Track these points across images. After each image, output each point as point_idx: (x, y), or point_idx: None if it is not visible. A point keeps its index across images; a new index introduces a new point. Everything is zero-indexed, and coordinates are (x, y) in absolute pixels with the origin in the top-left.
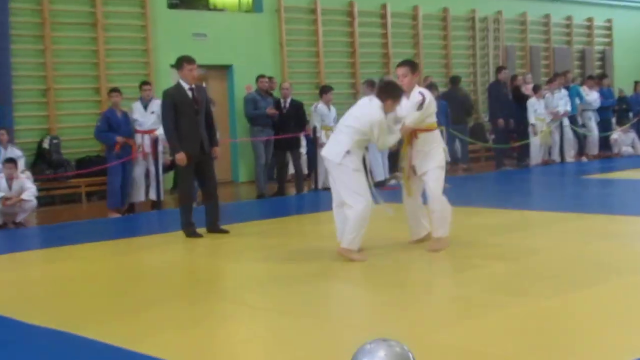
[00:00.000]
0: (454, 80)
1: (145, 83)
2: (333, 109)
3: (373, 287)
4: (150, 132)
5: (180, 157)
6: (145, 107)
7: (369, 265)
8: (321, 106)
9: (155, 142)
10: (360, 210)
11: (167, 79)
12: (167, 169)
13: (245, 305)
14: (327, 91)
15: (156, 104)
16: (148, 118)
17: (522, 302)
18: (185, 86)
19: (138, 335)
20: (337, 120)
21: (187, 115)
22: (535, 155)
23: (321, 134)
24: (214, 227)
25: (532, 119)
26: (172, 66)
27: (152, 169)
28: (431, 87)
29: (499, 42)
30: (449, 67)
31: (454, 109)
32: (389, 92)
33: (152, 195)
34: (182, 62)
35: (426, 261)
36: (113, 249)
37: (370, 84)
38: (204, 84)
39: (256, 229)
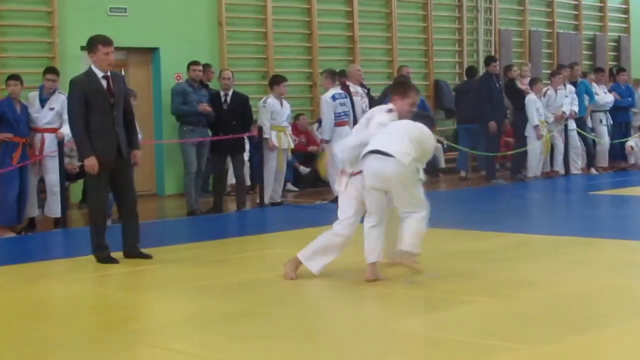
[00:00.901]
0: (471, 72)
1: (49, 71)
2: (287, 105)
3: (328, 330)
4: (51, 130)
5: (91, 163)
6: (43, 101)
7: (327, 299)
8: (272, 101)
9: (60, 143)
10: (425, 216)
11: (77, 64)
12: (74, 177)
13: (171, 351)
14: (279, 82)
15: (59, 100)
16: (44, 114)
17: (515, 348)
18: (99, 74)
19: None
20: (290, 118)
21: (101, 111)
22: (534, 166)
23: (271, 135)
24: (132, 251)
25: (534, 119)
26: (83, 48)
27: (53, 177)
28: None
29: (491, 26)
30: (429, 56)
31: (468, 105)
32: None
33: (53, 210)
34: (95, 44)
35: (396, 295)
36: (5, 277)
37: (330, 74)
38: (122, 72)
39: (185, 255)
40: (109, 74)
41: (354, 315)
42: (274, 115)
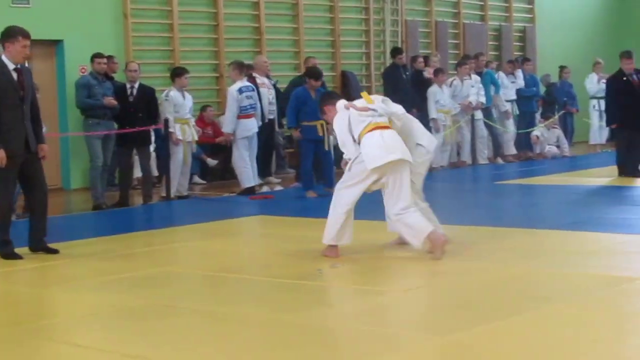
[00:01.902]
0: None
1: None
2: (189, 97)
3: (234, 324)
4: None
5: (0, 156)
6: None
7: (237, 292)
8: (174, 93)
9: None
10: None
11: None
12: None
13: (78, 347)
14: (180, 74)
15: None
16: None
17: (423, 338)
18: (10, 65)
19: None
20: (192, 110)
21: (10, 103)
22: (438, 156)
23: (175, 128)
24: (39, 245)
25: (432, 112)
26: None
27: None
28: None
29: (398, 17)
30: (336, 47)
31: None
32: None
33: None
34: (15, 35)
35: (306, 287)
36: None
37: (238, 66)
38: (25, 64)
39: (92, 249)
40: (19, 66)
41: (260, 307)
42: (177, 107)
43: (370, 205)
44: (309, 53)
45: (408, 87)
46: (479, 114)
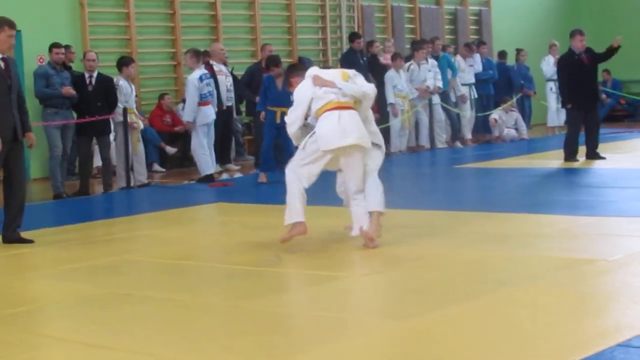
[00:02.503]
0: (502, 55)
1: None
2: (132, 87)
3: (194, 311)
4: None
5: None
6: None
7: (196, 280)
8: (123, 83)
9: None
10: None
11: None
12: None
13: (40, 336)
14: (127, 64)
15: None
16: None
17: (378, 323)
18: None
19: None
20: (135, 100)
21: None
22: (397, 141)
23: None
24: (13, 236)
25: (390, 97)
26: None
27: None
28: None
29: (353, 2)
30: (292, 33)
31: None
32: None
33: None
34: (1, 25)
35: (263, 274)
36: None
37: (195, 54)
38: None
39: (53, 238)
40: (5, 56)
41: (218, 294)
42: (126, 97)
43: (324, 192)
44: (265, 40)
45: (365, 72)
46: (436, 98)
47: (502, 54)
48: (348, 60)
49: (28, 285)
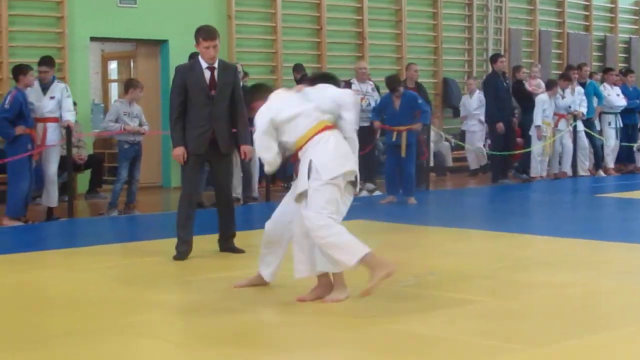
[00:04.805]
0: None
1: (42, 63)
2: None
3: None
4: (53, 119)
5: (178, 153)
6: (44, 90)
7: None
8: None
9: (68, 133)
10: None
11: (85, 54)
12: (81, 167)
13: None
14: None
15: (58, 89)
16: (46, 103)
17: (517, 349)
18: (204, 65)
19: None
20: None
21: (200, 102)
22: (536, 166)
23: None
24: (226, 245)
25: (538, 119)
26: (93, 39)
27: (54, 167)
28: None
29: (501, 25)
30: (438, 54)
31: None
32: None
33: (52, 200)
34: (196, 37)
35: (398, 293)
36: (10, 266)
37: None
38: (130, 63)
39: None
40: (211, 64)
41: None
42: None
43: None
44: (410, 59)
45: (508, 95)
46: (580, 126)
47: None
48: (490, 83)
49: None
